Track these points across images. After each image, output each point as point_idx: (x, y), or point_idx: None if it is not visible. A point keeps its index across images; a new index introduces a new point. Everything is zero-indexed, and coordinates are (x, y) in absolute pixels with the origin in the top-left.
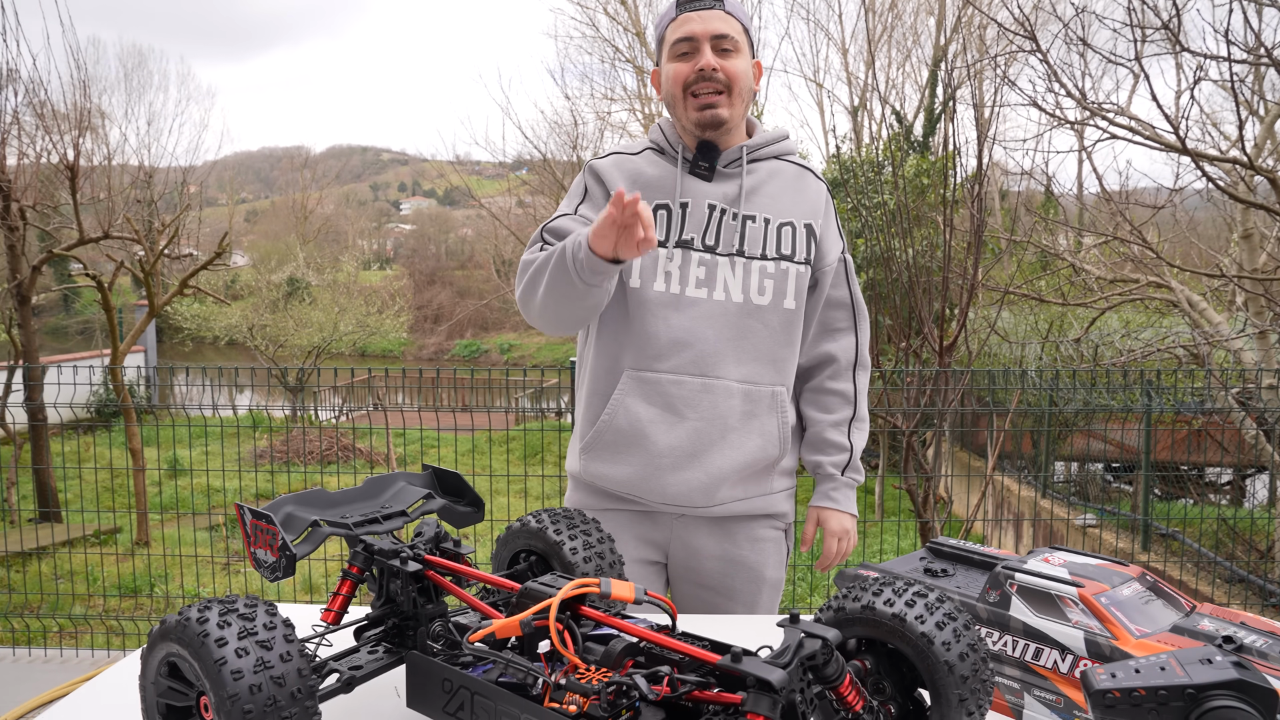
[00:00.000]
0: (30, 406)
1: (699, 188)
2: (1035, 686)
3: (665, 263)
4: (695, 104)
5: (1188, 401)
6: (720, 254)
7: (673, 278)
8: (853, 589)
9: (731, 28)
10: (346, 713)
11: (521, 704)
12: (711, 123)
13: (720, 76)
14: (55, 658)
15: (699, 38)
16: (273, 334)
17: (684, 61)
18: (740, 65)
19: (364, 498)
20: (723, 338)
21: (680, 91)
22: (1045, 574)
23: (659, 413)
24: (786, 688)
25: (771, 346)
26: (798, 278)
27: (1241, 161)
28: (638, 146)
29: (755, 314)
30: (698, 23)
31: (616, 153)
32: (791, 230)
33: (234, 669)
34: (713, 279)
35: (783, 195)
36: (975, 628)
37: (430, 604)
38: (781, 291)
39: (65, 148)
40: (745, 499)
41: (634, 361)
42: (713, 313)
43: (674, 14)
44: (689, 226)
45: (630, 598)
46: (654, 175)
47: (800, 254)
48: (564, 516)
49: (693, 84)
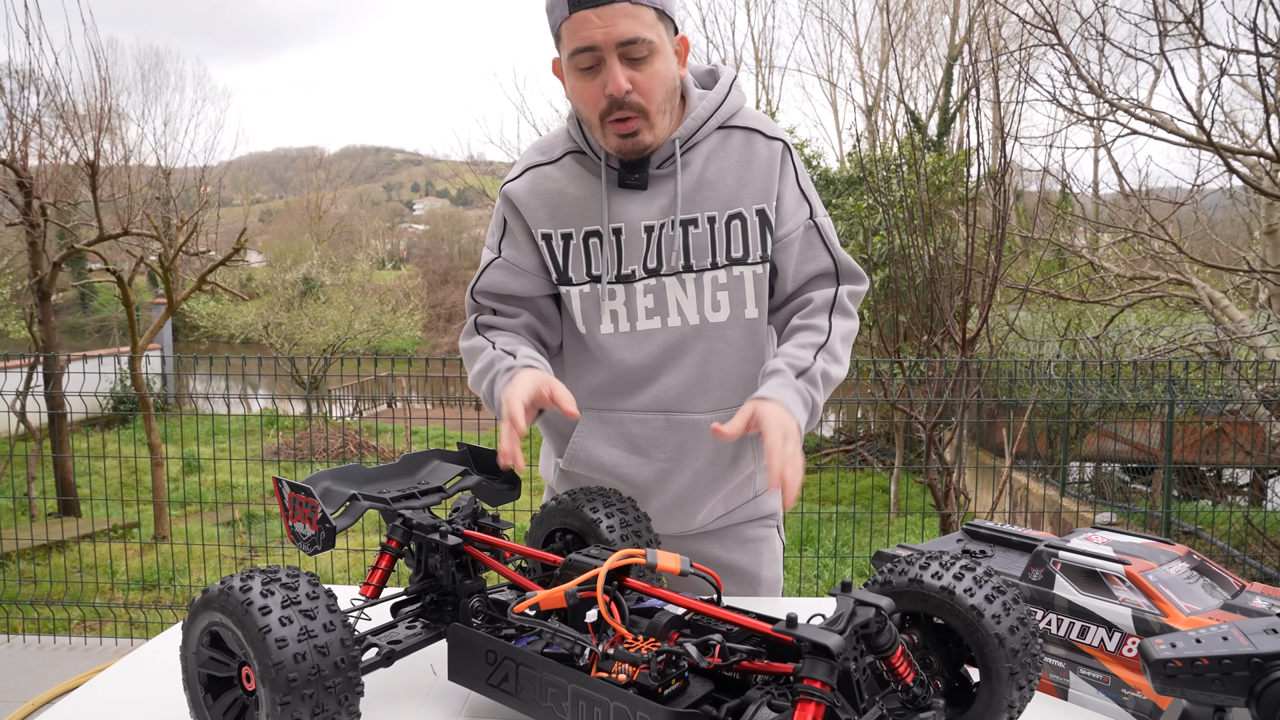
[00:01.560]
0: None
1: (631, 207)
2: (1081, 665)
3: (608, 301)
4: (614, 131)
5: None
6: (665, 274)
7: (620, 316)
8: (898, 564)
9: (642, 24)
10: (383, 688)
11: (569, 674)
12: (635, 151)
13: (634, 100)
14: (79, 645)
15: (602, 47)
16: (288, 332)
17: (589, 78)
18: (658, 71)
19: (400, 474)
20: (683, 369)
21: (596, 119)
22: (1090, 552)
23: (623, 454)
24: (842, 654)
25: (738, 364)
26: (756, 280)
27: (1269, 155)
28: (557, 149)
29: (715, 333)
30: (598, 27)
31: (532, 167)
32: (741, 224)
33: (278, 637)
34: (663, 305)
35: (727, 177)
36: (1022, 602)
37: (468, 579)
38: (740, 301)
39: (86, 147)
40: (728, 512)
41: (593, 400)
42: (669, 343)
43: (566, 10)
44: (627, 257)
45: (676, 569)
46: (577, 196)
47: (755, 251)
48: (599, 494)
49: (606, 112)
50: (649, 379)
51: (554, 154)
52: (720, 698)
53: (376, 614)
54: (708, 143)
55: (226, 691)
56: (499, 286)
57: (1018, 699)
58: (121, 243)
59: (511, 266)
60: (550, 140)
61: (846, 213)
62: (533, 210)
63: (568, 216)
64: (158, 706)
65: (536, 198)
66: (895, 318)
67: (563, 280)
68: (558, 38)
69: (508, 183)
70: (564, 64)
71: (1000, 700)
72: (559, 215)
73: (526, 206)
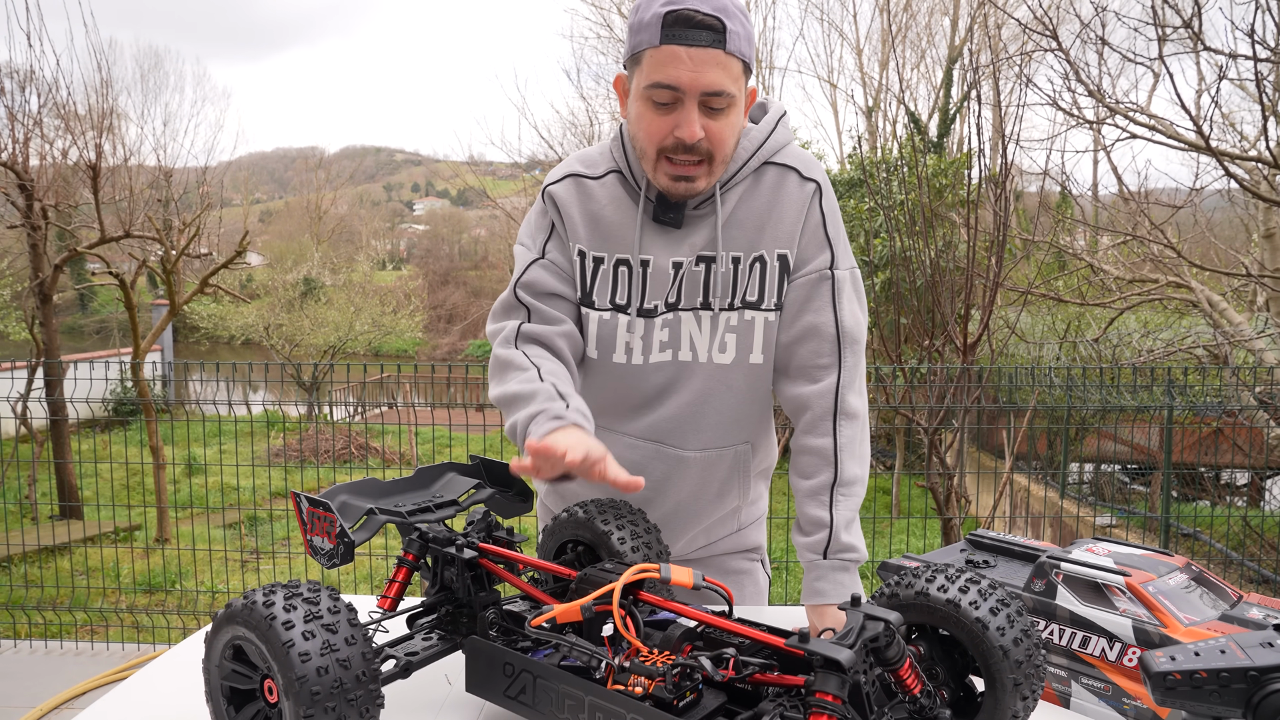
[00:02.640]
0: (51, 402)
1: (663, 243)
2: (1083, 674)
3: (625, 334)
4: (668, 170)
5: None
6: (683, 309)
7: (635, 349)
8: (904, 577)
9: (729, 75)
10: (400, 699)
11: (586, 686)
12: (684, 195)
13: (704, 147)
14: (85, 650)
15: (686, 91)
16: (289, 333)
17: (662, 114)
18: (730, 126)
19: (415, 488)
20: (681, 405)
21: (653, 152)
22: (1091, 563)
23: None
24: (853, 668)
25: (735, 406)
26: (766, 327)
27: (1266, 160)
28: (600, 166)
29: (717, 374)
30: (687, 68)
31: (575, 175)
32: (761, 268)
33: (301, 651)
34: (677, 339)
35: (754, 218)
36: (1026, 614)
37: (483, 592)
38: (746, 346)
39: (87, 148)
40: (710, 543)
41: (596, 416)
42: (673, 377)
43: (657, 39)
44: (651, 292)
45: (689, 583)
46: (614, 221)
47: (770, 299)
48: (610, 507)
49: (669, 149)
50: (647, 409)
51: (597, 170)
52: (734, 709)
53: (393, 625)
54: (744, 182)
55: (249, 704)
56: (543, 284)
57: (1021, 709)
58: (123, 244)
59: (554, 268)
60: (594, 155)
61: (848, 215)
62: (574, 222)
63: (603, 240)
64: (185, 712)
65: (578, 210)
66: (896, 321)
67: (585, 301)
68: (636, 61)
69: (551, 184)
70: (636, 89)
71: (1005, 710)
72: (595, 236)
73: (569, 216)
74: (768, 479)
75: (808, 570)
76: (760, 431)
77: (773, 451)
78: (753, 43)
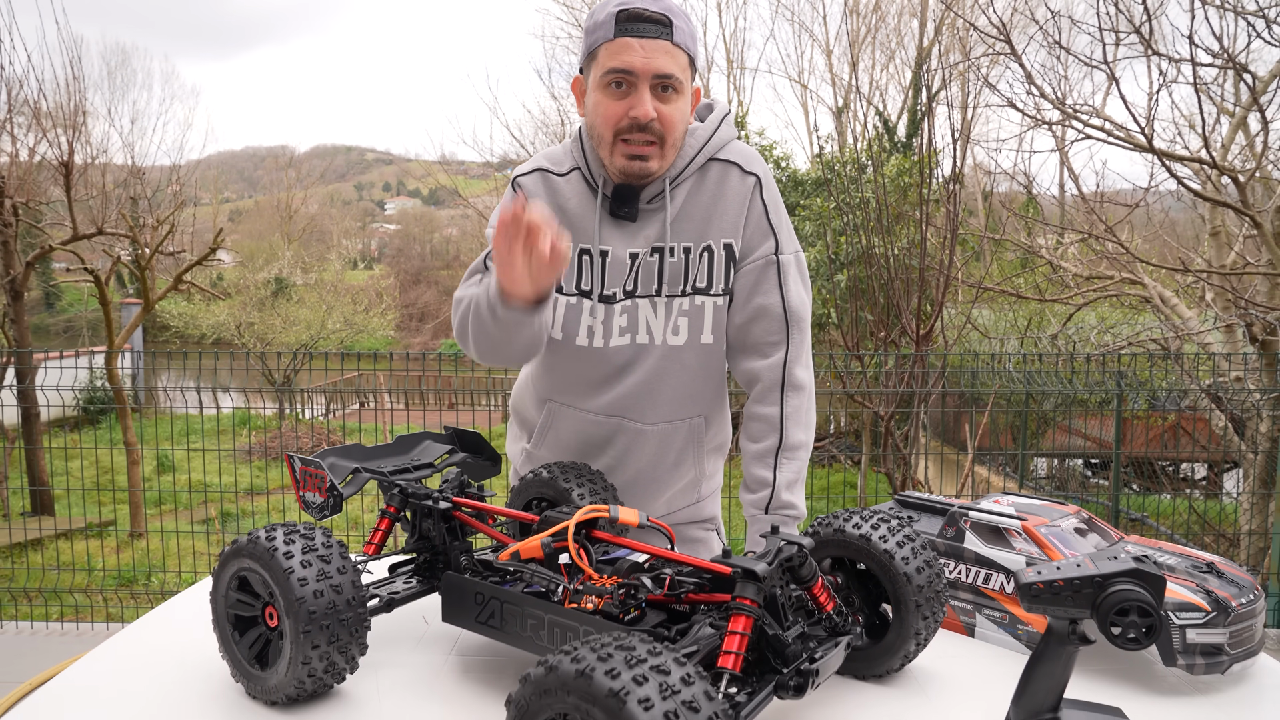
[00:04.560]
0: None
1: (620, 235)
2: (985, 607)
3: (588, 318)
4: (624, 151)
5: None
6: (640, 296)
7: (595, 333)
8: (824, 518)
9: (677, 64)
10: (382, 635)
11: (546, 607)
12: (639, 175)
13: (656, 127)
14: (71, 630)
15: (638, 74)
16: (260, 331)
17: (617, 99)
18: (678, 110)
19: (395, 453)
20: (639, 383)
21: (609, 135)
22: (995, 510)
23: (577, 447)
24: (769, 579)
25: (688, 384)
26: (715, 311)
27: (1206, 161)
28: (565, 164)
29: (671, 355)
30: (639, 55)
31: (542, 170)
32: (709, 256)
33: (300, 576)
34: (635, 324)
35: (700, 211)
36: (929, 549)
37: (457, 541)
38: (698, 328)
39: (59, 145)
40: (670, 513)
41: (555, 394)
42: (631, 358)
43: (612, 33)
44: (610, 279)
45: (635, 522)
46: (576, 212)
47: (718, 284)
48: (571, 468)
49: (624, 130)
50: (607, 386)
51: (562, 167)
52: (671, 625)
53: (377, 573)
54: (692, 178)
55: (252, 629)
56: None
57: (923, 628)
58: (95, 242)
59: None
60: (558, 154)
61: (814, 213)
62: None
63: (567, 231)
64: (190, 647)
65: (545, 201)
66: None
67: None
68: (592, 57)
69: (521, 175)
70: (592, 81)
71: (909, 628)
72: (560, 227)
73: (535, 198)
74: (723, 455)
75: (750, 524)
76: (713, 407)
77: (726, 428)
78: (696, 41)
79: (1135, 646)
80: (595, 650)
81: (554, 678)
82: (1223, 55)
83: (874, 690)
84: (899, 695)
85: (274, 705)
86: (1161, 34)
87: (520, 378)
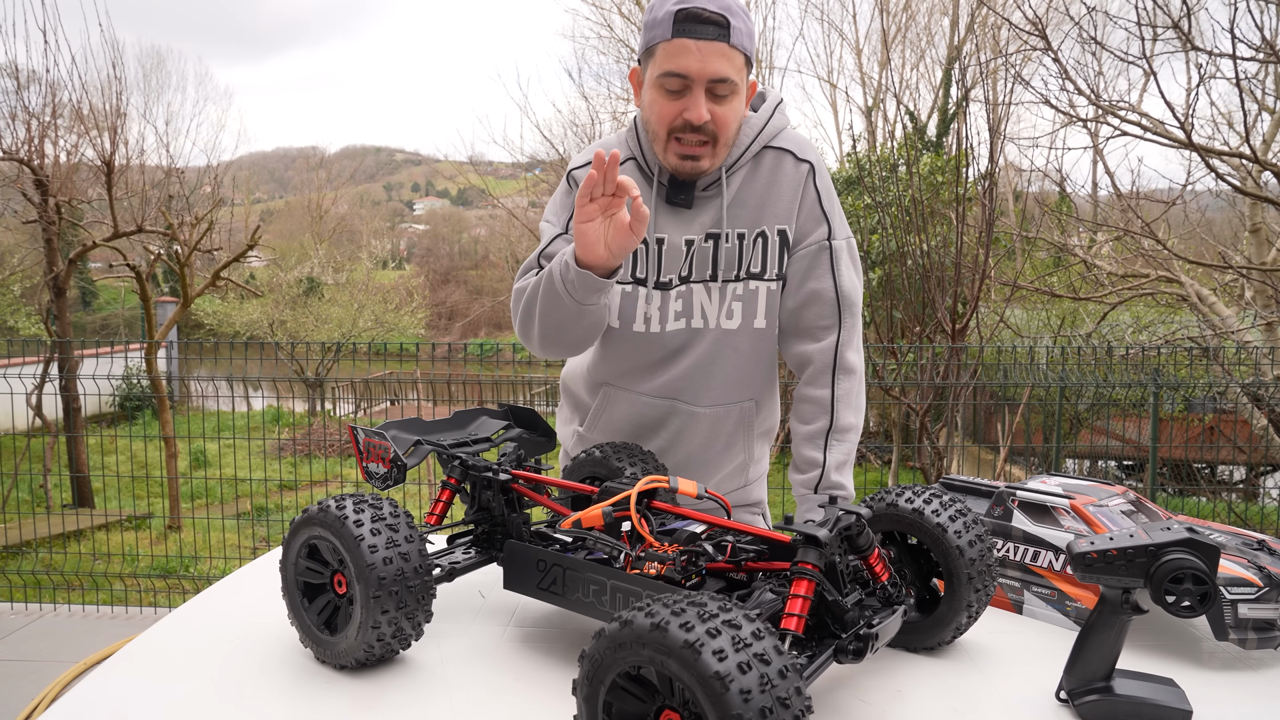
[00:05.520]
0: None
1: (676, 223)
2: (1033, 584)
3: (644, 305)
4: (677, 150)
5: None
6: (694, 281)
7: (652, 319)
8: (878, 493)
9: (733, 66)
10: (442, 609)
11: (608, 572)
12: (690, 174)
13: (710, 129)
14: (120, 614)
15: (694, 78)
16: (292, 330)
17: (673, 99)
18: (733, 111)
19: (453, 427)
20: (693, 366)
21: (664, 133)
22: (1042, 490)
23: (630, 429)
24: (829, 545)
25: (741, 367)
26: (768, 295)
27: (1247, 156)
28: (620, 154)
29: (725, 339)
30: (695, 58)
31: None
32: (763, 242)
33: (370, 544)
34: (690, 309)
35: (755, 198)
36: (980, 524)
37: (514, 513)
38: (751, 313)
39: (99, 143)
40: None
41: (611, 377)
42: (686, 342)
43: (669, 33)
44: (666, 266)
45: (694, 493)
46: None
47: (771, 270)
48: (623, 447)
49: (678, 130)
50: (662, 369)
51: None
52: (730, 592)
53: (438, 543)
54: (746, 166)
55: (320, 596)
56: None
57: (975, 601)
58: (134, 240)
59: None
60: (613, 143)
61: (846, 211)
62: None
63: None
64: (258, 615)
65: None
66: (890, 314)
67: None
68: (650, 54)
69: (576, 169)
70: (648, 78)
71: (961, 600)
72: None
73: None
74: (770, 440)
75: (800, 503)
76: (764, 391)
77: (775, 414)
78: (754, 39)
79: (1190, 614)
80: (668, 606)
81: (629, 631)
82: (1265, 48)
83: (926, 661)
84: (950, 667)
85: (343, 669)
86: (1199, 29)
87: (572, 362)
